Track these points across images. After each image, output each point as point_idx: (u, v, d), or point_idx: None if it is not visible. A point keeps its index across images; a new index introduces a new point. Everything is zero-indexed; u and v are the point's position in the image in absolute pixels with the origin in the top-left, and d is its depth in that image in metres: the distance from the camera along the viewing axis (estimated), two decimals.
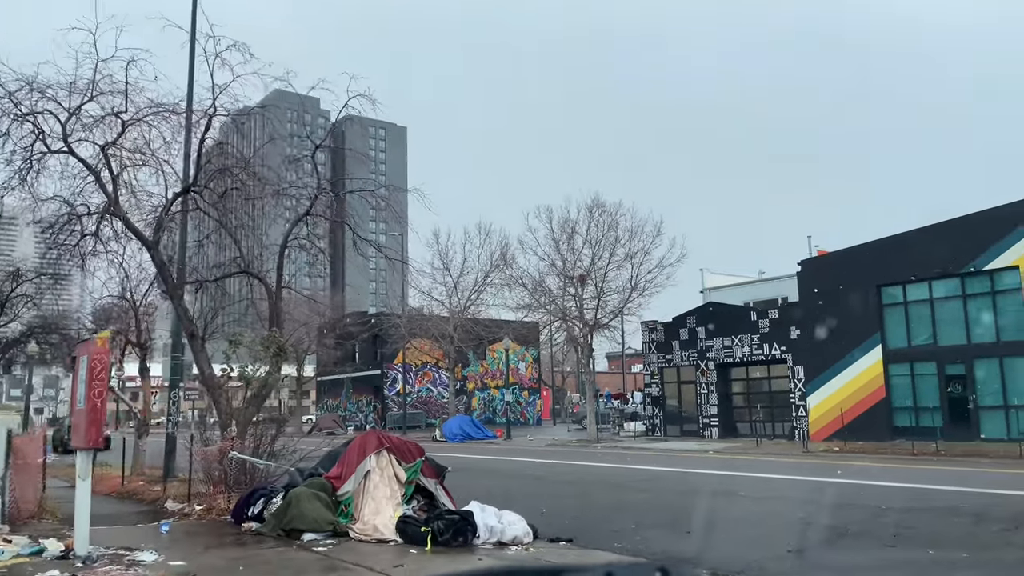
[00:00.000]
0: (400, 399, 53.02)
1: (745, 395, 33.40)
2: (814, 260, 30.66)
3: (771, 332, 31.59)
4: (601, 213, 34.39)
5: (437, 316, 44.20)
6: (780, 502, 11.93)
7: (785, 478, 15.98)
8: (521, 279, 35.96)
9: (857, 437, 27.17)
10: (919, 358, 27.08)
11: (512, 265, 37.15)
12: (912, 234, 27.47)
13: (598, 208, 34.51)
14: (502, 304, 41.56)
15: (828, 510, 10.66)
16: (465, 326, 42.92)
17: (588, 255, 34.46)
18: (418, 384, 57.40)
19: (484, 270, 41.39)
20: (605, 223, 34.30)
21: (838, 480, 15.16)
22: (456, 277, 42.63)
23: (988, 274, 25.53)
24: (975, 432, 25.14)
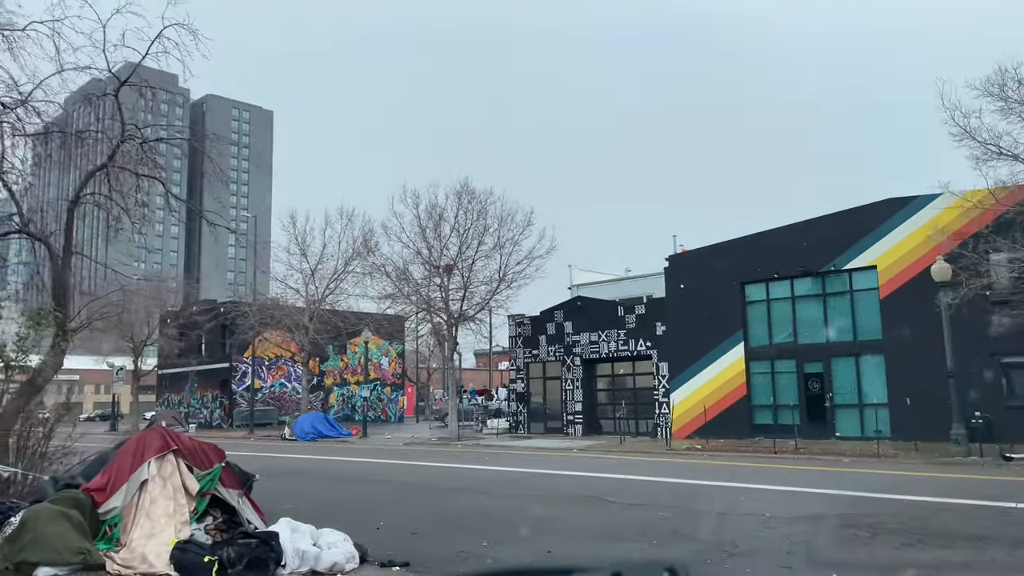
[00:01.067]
0: (250, 394, 49.26)
1: (610, 391, 32.75)
2: (680, 256, 30.37)
3: (637, 328, 31.05)
4: (471, 200, 32.76)
5: (291, 306, 41.04)
6: (652, 510, 10.58)
7: (653, 480, 14.84)
8: (384, 267, 33.70)
9: (718, 434, 26.95)
10: (779, 356, 27.18)
11: (375, 252, 34.83)
12: (775, 232, 27.55)
13: (467, 195, 32.85)
14: (362, 294, 39.08)
15: (709, 520, 9.42)
16: (322, 317, 40.04)
17: (456, 243, 32.75)
18: (271, 379, 53.66)
19: (345, 257, 38.73)
20: (475, 211, 32.69)
21: (710, 483, 14.14)
22: (314, 264, 39.72)
23: (847, 273, 25.88)
24: (831, 430, 25.39)
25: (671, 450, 23.97)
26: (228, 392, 52.32)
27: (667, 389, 29.76)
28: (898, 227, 24.53)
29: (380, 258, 34.10)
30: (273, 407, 51.99)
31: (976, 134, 19.56)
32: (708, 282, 28.89)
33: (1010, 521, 9.55)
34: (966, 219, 21.85)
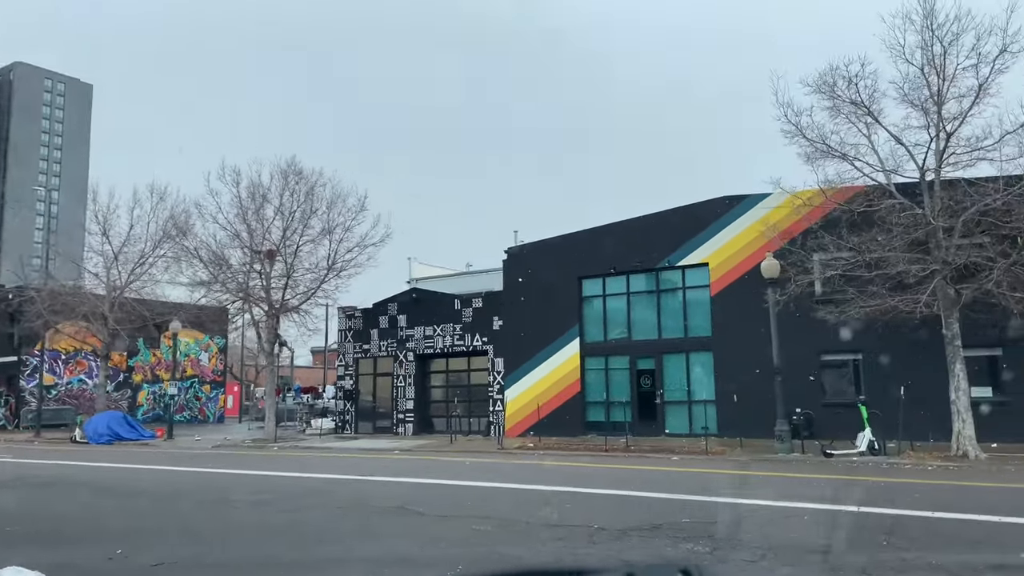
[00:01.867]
0: (40, 392, 43.38)
1: (444, 388, 31.21)
2: (520, 249, 29.38)
3: (474, 322, 29.73)
4: (298, 180, 30.12)
5: (89, 293, 36.31)
6: (467, 522, 9.03)
7: (475, 485, 13.36)
8: (198, 251, 30.29)
9: (552, 432, 26.13)
10: (614, 352, 26.77)
11: (189, 235, 31.27)
12: (613, 227, 27.13)
13: (295, 174, 30.20)
14: (171, 280, 35.16)
15: (532, 534, 8.01)
16: (126, 306, 35.66)
17: (280, 227, 30.00)
18: (68, 375, 47.69)
19: (155, 240, 34.63)
20: (302, 192, 30.10)
21: (537, 487, 12.86)
22: (118, 246, 35.27)
23: (680, 270, 25.84)
24: (661, 427, 25.22)
25: (502, 449, 22.75)
26: (15, 389, 45.94)
27: (502, 386, 28.64)
28: (730, 225, 24.72)
29: (194, 241, 30.65)
30: (70, 407, 46.18)
31: (806, 132, 19.74)
32: (546, 276, 28.06)
33: (859, 526, 8.83)
34: (795, 217, 22.17)
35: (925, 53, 18.08)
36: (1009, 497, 11.88)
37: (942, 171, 18.35)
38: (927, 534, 8.27)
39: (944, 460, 16.96)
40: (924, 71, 18.27)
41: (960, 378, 17.79)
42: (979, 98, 17.57)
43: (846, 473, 15.33)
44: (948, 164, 18.45)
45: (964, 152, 18.13)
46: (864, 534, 8.26)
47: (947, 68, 17.96)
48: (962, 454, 17.28)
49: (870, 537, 8.05)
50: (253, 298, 30.23)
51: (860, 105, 18.81)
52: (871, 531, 8.41)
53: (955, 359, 17.88)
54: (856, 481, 13.77)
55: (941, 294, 17.87)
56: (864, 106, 18.68)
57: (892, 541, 7.69)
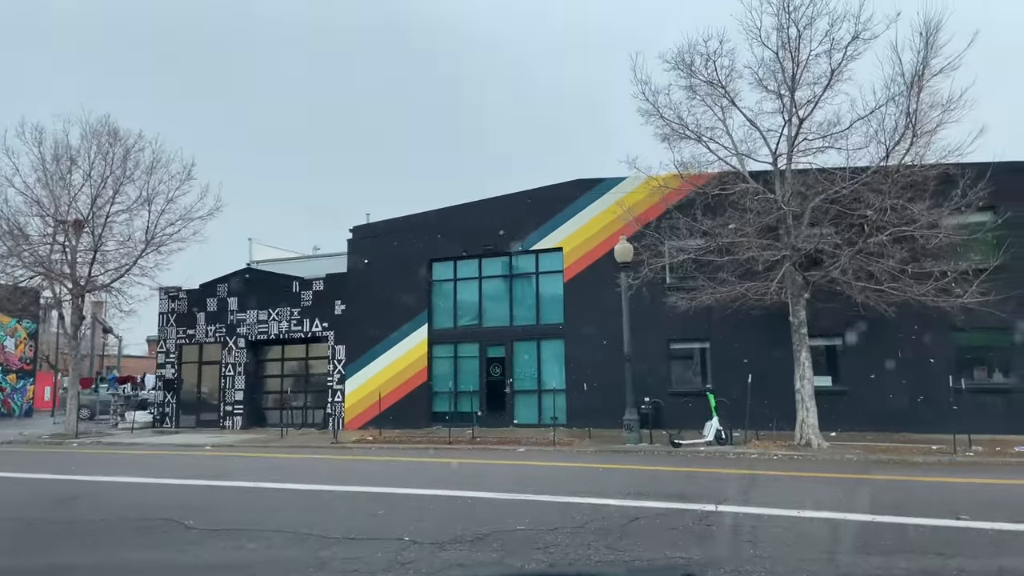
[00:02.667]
0: None
1: (279, 378, 28.57)
2: (368, 227, 27.26)
3: (314, 306, 27.33)
4: (113, 142, 26.46)
5: None
6: (242, 538, 7.13)
7: (284, 487, 11.38)
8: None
9: (395, 424, 24.35)
10: (464, 339, 25.28)
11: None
12: (467, 208, 25.63)
13: (109, 136, 26.51)
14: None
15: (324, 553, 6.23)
16: None
17: (89, 194, 26.25)
18: None
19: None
20: (117, 156, 26.47)
21: (356, 489, 11.05)
22: None
23: (534, 254, 24.70)
24: (510, 418, 24.01)
25: (337, 444, 20.70)
26: None
27: (343, 375, 26.46)
28: (585, 209, 23.82)
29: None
30: None
31: (663, 111, 19.02)
32: (395, 258, 26.16)
33: (709, 530, 7.68)
34: (651, 201, 21.55)
35: (781, 36, 17.74)
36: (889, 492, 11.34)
37: (794, 157, 18.12)
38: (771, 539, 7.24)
39: (788, 449, 16.67)
40: (779, 55, 17.94)
41: (805, 366, 17.61)
42: (831, 83, 17.42)
43: (694, 464, 14.58)
44: (799, 151, 18.25)
45: (815, 138, 17.98)
46: (723, 540, 7.13)
47: (801, 53, 17.70)
48: (805, 443, 17.09)
49: (734, 545, 6.91)
50: (55, 274, 26.33)
51: (717, 85, 18.26)
52: (729, 536, 7.30)
53: (801, 347, 17.69)
54: (702, 475, 12.94)
55: (790, 281, 17.62)
56: (720, 85, 18.15)
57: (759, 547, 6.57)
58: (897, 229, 16.62)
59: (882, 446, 16.88)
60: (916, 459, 14.90)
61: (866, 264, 17.19)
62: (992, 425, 18.15)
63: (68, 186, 26.23)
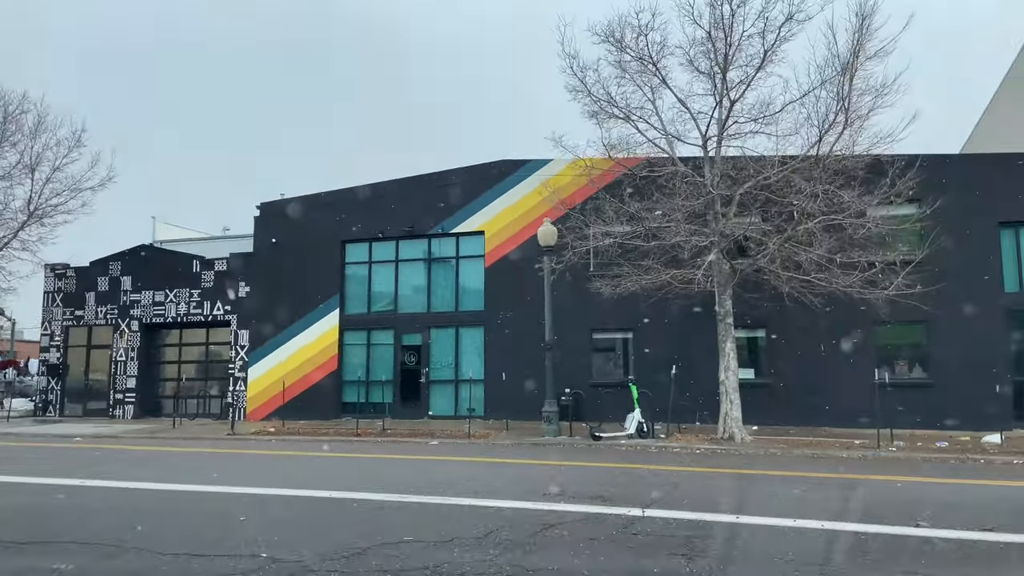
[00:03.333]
0: None
1: (176, 364, 26.48)
2: (276, 204, 25.42)
3: (216, 288, 25.38)
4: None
5: None
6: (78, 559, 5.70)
7: (130, 488, 9.84)
8: None
9: (302, 415, 22.77)
10: (378, 326, 23.84)
11: None
12: (385, 186, 24.16)
13: None
14: None
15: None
16: None
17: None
18: None
19: None
20: None
21: (242, 491, 9.61)
22: None
23: (455, 237, 23.43)
24: (425, 409, 22.75)
25: (233, 435, 19.02)
26: None
27: (246, 362, 24.64)
28: (510, 191, 22.69)
29: None
30: None
31: (592, 88, 18.05)
32: (306, 238, 24.47)
33: (635, 540, 6.64)
34: (578, 184, 20.64)
35: (714, 14, 16.96)
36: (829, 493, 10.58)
37: (724, 141, 17.42)
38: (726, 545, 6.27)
39: (712, 443, 15.99)
40: (711, 34, 17.16)
41: (730, 358, 16.96)
42: (764, 65, 16.75)
43: (615, 460, 13.67)
44: (730, 135, 17.56)
45: (746, 121, 17.31)
46: (652, 553, 6.11)
47: (734, 33, 16.97)
48: (728, 436, 16.45)
49: (667, 561, 5.89)
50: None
51: (647, 62, 17.38)
52: (659, 548, 6.30)
53: (726, 338, 17.03)
54: (624, 472, 12.02)
55: (716, 269, 16.92)
56: (651, 62, 17.27)
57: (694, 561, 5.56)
58: (826, 217, 16.10)
59: (805, 440, 16.39)
60: (840, 454, 14.39)
61: (793, 254, 16.63)
62: (912, 420, 17.95)
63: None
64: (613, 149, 18.43)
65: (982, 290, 18.53)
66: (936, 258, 17.77)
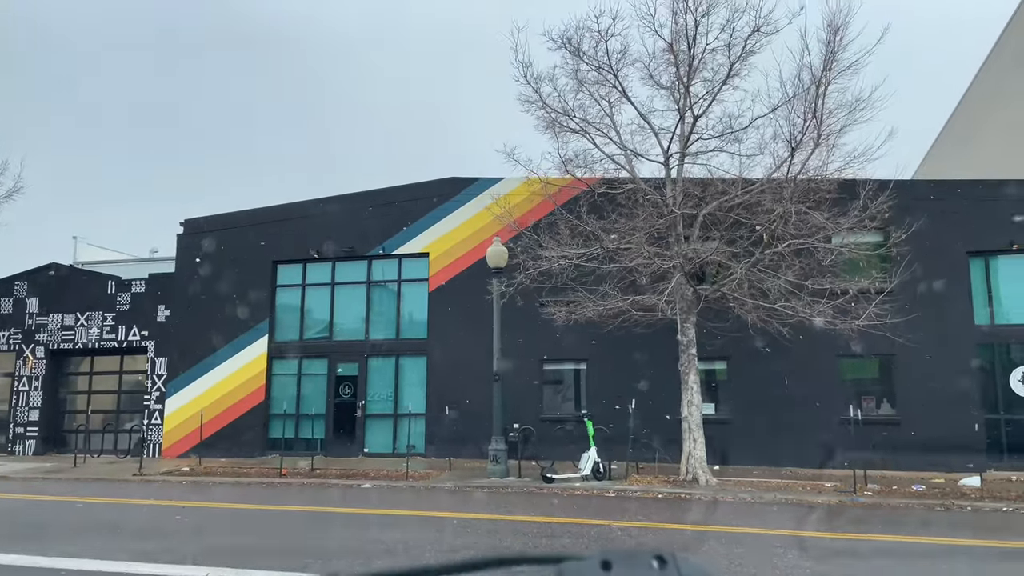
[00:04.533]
0: None
1: (86, 395, 24.00)
2: (201, 221, 23.37)
3: (133, 311, 23.13)
4: None
5: None
6: None
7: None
8: None
9: (225, 452, 20.64)
10: (310, 354, 21.90)
11: None
12: (320, 204, 22.39)
13: None
14: None
15: None
16: None
17: None
18: None
19: None
20: None
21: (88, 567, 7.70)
22: None
23: (396, 259, 21.74)
24: (360, 446, 20.82)
25: (141, 475, 16.85)
26: None
27: (163, 393, 22.39)
28: (457, 211, 21.17)
29: None
30: None
31: (547, 100, 16.76)
32: (232, 258, 22.48)
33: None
34: (531, 204, 19.26)
35: (676, 23, 15.86)
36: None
37: (687, 158, 16.25)
38: None
39: (674, 485, 14.53)
40: (673, 46, 16.06)
41: (693, 391, 15.60)
42: (729, 78, 15.69)
43: (567, 509, 12.10)
44: (692, 153, 16.41)
45: (710, 137, 16.19)
46: None
47: (697, 45, 15.89)
48: (692, 478, 15.01)
49: None
50: None
51: (606, 71, 16.17)
52: None
53: (689, 369, 15.68)
54: (571, 528, 10.43)
55: (679, 295, 15.62)
56: (611, 71, 16.06)
57: None
58: (795, 241, 14.98)
59: (773, 483, 15.07)
60: (816, 499, 13.07)
61: (759, 281, 15.44)
62: (882, 459, 16.79)
63: None
64: (569, 164, 17.14)
65: (954, 322, 17.62)
66: (907, 287, 16.80)
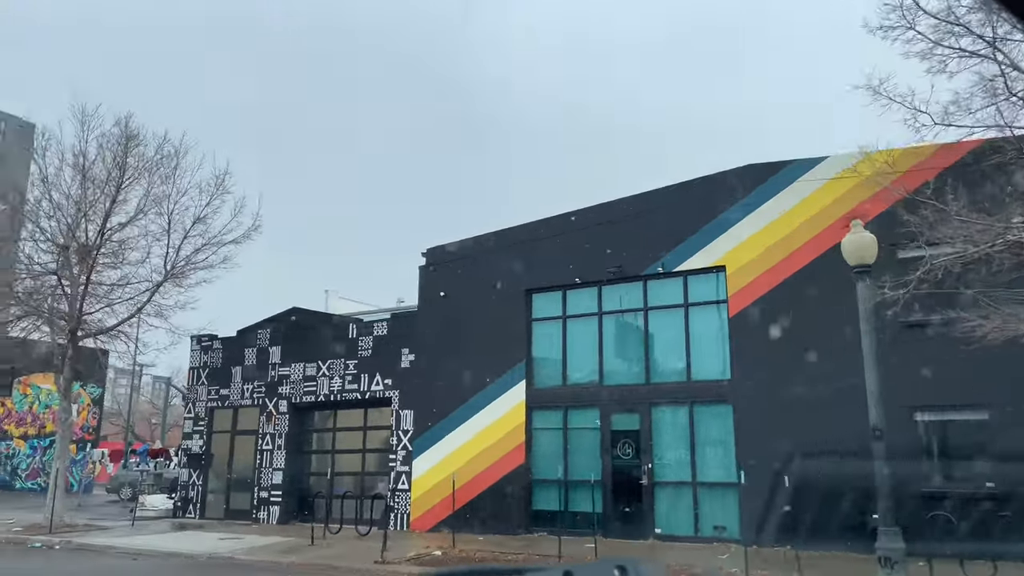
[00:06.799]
0: None
1: (330, 454, 21.45)
2: (445, 250, 20.15)
3: (374, 356, 20.32)
4: (136, 144, 20.75)
5: None
6: None
7: None
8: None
9: (479, 528, 16.69)
10: (577, 403, 17.49)
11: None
12: (579, 217, 18.22)
13: (133, 139, 20.79)
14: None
15: None
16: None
17: (102, 209, 20.48)
18: None
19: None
20: (141, 164, 20.69)
21: None
22: None
23: (682, 277, 16.84)
24: (649, 524, 15.84)
25: (383, 563, 13.13)
26: None
27: (409, 452, 19.10)
28: (762, 206, 15.90)
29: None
30: None
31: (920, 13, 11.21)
32: (480, 289, 18.93)
33: None
34: (874, 188, 13.53)
35: None
36: None
37: None
38: None
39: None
40: None
41: None
42: None
43: None
44: None
45: None
46: None
47: None
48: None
49: None
50: (55, 315, 20.46)
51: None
52: None
53: None
54: None
55: None
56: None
57: None
58: None
59: None
60: None
61: None
62: None
63: (82, 202, 20.59)
64: (952, 111, 11.35)
65: None
66: None
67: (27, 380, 41.38)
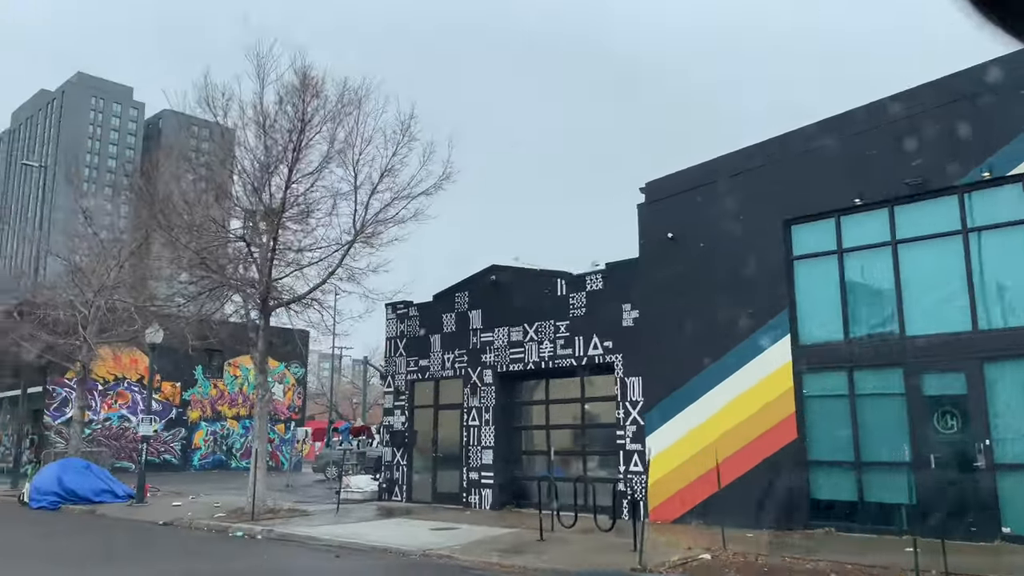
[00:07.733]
0: (72, 429, 34.69)
1: (544, 429, 18.62)
2: (670, 181, 16.51)
3: (589, 315, 17.19)
4: (315, 95, 18.81)
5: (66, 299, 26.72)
6: None
7: None
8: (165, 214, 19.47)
9: (740, 518, 13.04)
10: (868, 362, 13.32)
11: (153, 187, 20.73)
12: (859, 114, 13.90)
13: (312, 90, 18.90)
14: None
15: None
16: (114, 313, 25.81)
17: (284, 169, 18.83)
18: (106, 409, 39.07)
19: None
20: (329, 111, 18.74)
21: None
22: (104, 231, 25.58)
23: (1019, 183, 12.17)
24: (991, 522, 11.49)
25: (643, 572, 9.93)
26: (40, 426, 37.74)
27: (640, 427, 15.80)
28: None
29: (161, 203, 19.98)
30: (104, 448, 37.35)
31: None
32: (718, 226, 15.16)
33: None
34: None
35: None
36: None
37: None
38: None
39: None
40: None
41: None
42: None
43: None
44: None
45: None
46: None
47: None
48: None
49: None
50: (243, 283, 19.14)
51: None
52: None
53: None
54: None
55: None
56: None
57: None
58: None
59: None
60: None
61: None
62: None
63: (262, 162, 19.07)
64: None
65: None
66: None
67: (236, 362, 42.72)
